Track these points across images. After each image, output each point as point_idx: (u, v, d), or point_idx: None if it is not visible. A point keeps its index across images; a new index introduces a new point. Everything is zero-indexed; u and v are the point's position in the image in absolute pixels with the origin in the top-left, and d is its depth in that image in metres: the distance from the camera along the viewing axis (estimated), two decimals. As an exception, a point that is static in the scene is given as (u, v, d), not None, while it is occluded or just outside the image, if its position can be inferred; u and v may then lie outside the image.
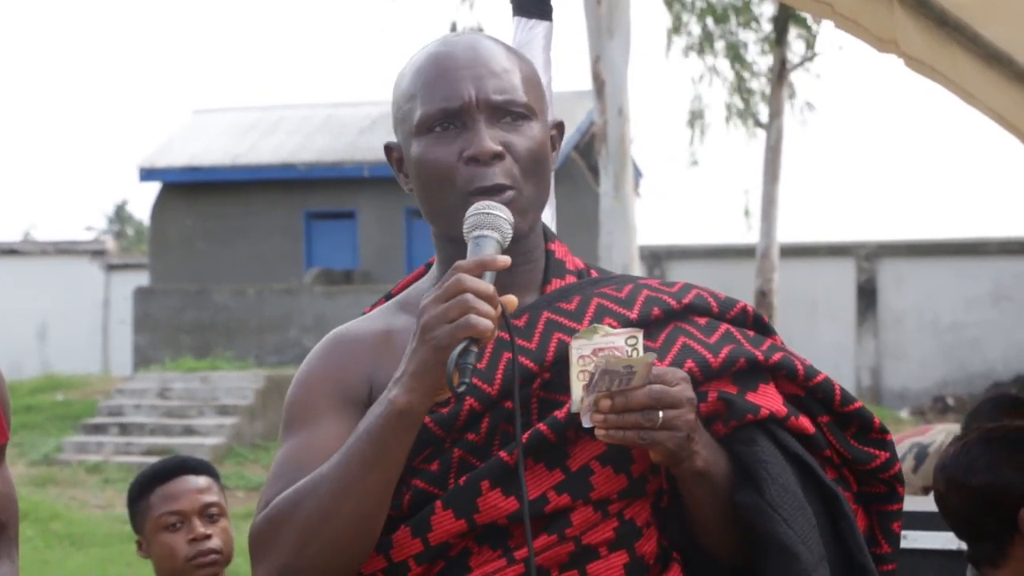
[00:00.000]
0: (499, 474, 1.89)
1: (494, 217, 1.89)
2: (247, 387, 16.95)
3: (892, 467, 2.06)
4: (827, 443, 2.04)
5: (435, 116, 1.96)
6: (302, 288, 20.19)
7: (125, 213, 49.35)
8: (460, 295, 1.77)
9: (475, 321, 1.75)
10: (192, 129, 23.93)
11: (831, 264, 19.29)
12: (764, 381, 2.00)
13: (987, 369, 18.18)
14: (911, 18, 3.55)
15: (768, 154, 18.02)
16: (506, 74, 1.98)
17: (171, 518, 3.21)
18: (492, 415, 1.93)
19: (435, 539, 1.91)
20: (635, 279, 2.08)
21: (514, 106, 1.97)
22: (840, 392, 2.04)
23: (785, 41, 17.80)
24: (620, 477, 1.93)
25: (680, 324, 2.01)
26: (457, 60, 1.98)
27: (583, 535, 1.92)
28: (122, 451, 15.84)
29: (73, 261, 24.74)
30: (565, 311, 1.99)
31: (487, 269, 1.80)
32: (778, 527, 1.91)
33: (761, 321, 2.08)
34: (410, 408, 1.81)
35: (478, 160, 1.94)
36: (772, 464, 1.95)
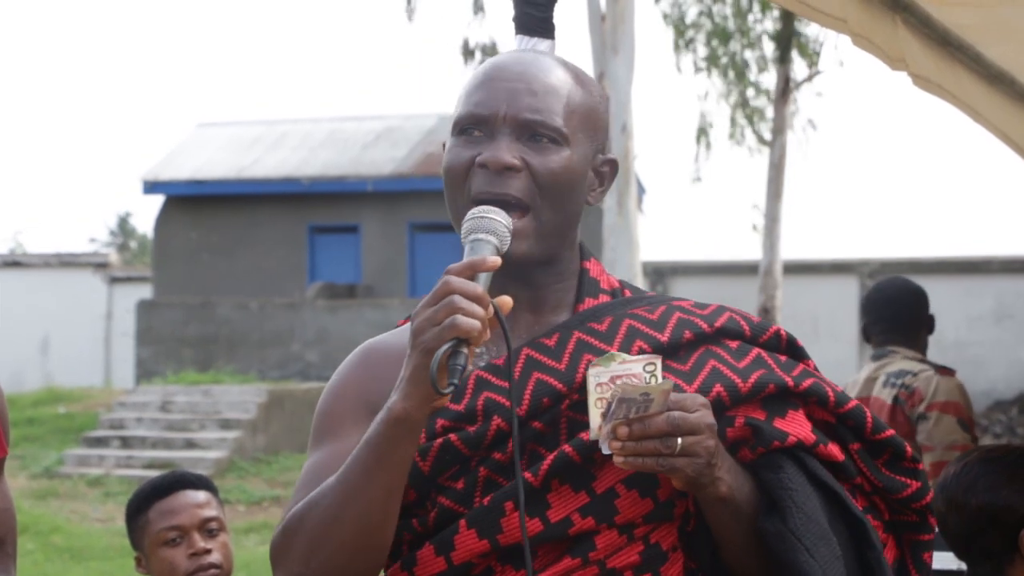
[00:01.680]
0: (524, 495, 1.88)
1: (491, 221, 1.88)
2: (249, 401, 16.94)
3: (923, 497, 2.05)
4: (857, 471, 2.03)
5: (465, 119, 1.97)
6: (305, 302, 20.20)
7: (128, 226, 49.39)
8: (447, 297, 1.76)
9: (460, 322, 1.74)
10: (196, 142, 23.97)
11: (834, 281, 19.29)
12: (794, 408, 1.99)
13: (989, 387, 18.16)
14: (915, 38, 3.56)
15: (771, 171, 18.03)
16: (546, 95, 1.97)
17: (170, 533, 3.20)
18: (521, 435, 1.92)
19: (458, 558, 1.91)
20: (669, 300, 2.07)
21: (542, 127, 1.95)
22: (872, 420, 2.03)
23: (788, 59, 17.82)
24: (646, 501, 1.92)
25: (711, 347, 2.00)
26: (504, 72, 1.99)
27: (608, 559, 1.91)
28: (123, 464, 15.83)
29: (76, 273, 24.76)
30: (596, 332, 1.98)
31: (477, 271, 1.80)
32: (800, 556, 1.89)
33: (795, 345, 2.07)
34: (406, 415, 1.80)
35: (487, 167, 1.93)
36: (797, 492, 1.93)
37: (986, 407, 18.05)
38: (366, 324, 19.18)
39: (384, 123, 23.56)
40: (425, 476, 1.94)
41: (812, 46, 17.94)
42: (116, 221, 50.38)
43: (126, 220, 49.71)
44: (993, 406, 18.04)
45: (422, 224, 21.82)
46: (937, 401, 4.82)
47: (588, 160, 2.01)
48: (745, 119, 18.63)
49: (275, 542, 1.93)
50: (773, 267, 17.65)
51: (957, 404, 4.83)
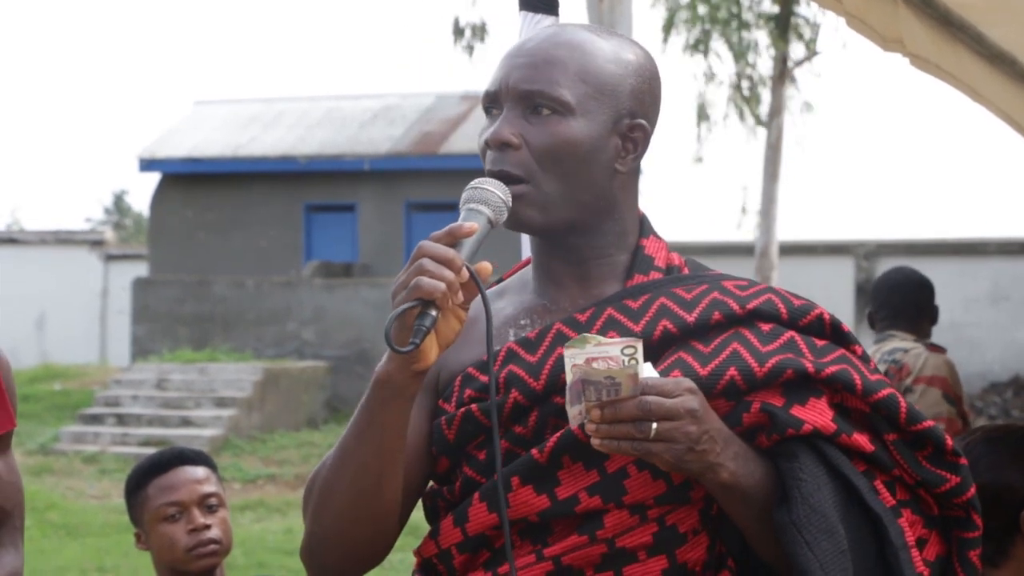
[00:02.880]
0: (529, 470, 1.89)
1: (485, 192, 1.90)
2: (245, 379, 16.95)
3: (965, 492, 1.99)
4: (894, 462, 1.97)
5: (484, 99, 2.02)
6: (301, 281, 20.18)
7: (124, 204, 49.33)
8: (418, 260, 1.79)
9: (423, 283, 1.75)
10: (192, 120, 23.92)
11: (830, 263, 19.28)
12: (816, 395, 1.93)
13: (984, 369, 18.18)
14: (916, 17, 3.55)
15: (768, 152, 18.01)
16: (548, 65, 1.96)
17: (170, 509, 3.21)
18: (541, 410, 1.93)
19: (472, 530, 1.92)
20: (718, 279, 2.03)
21: (541, 98, 1.96)
22: (907, 409, 1.96)
23: (787, 40, 17.79)
24: (658, 482, 1.90)
25: (741, 330, 1.96)
26: (520, 48, 2.01)
27: (617, 538, 1.90)
28: (119, 442, 15.84)
29: (72, 251, 24.73)
30: (628, 309, 1.97)
31: (456, 237, 1.82)
32: (798, 549, 1.85)
33: (839, 329, 2.01)
34: (388, 377, 1.83)
35: (490, 145, 1.96)
36: (807, 483, 1.88)
37: (981, 389, 18.08)
38: (363, 303, 19.17)
39: (381, 102, 23.51)
40: (451, 444, 1.97)
41: (809, 28, 17.91)
42: (112, 199, 50.35)
43: (122, 198, 49.65)
44: (988, 388, 18.06)
45: (419, 203, 21.79)
46: (924, 375, 4.91)
47: (606, 127, 1.98)
48: (742, 101, 18.59)
49: (303, 499, 2.01)
50: (769, 248, 17.64)
51: (943, 379, 4.92)
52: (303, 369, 18.05)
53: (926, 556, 1.98)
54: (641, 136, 2.02)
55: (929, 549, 1.99)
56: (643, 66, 2.04)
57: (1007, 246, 18.58)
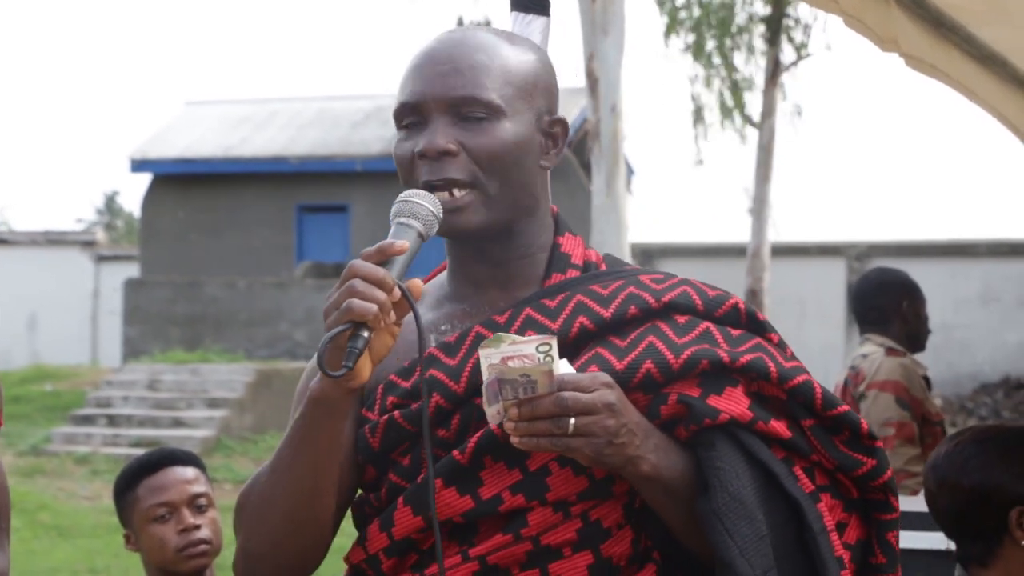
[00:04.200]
0: (451, 472, 1.90)
1: (416, 205, 1.88)
2: (237, 380, 16.93)
3: (880, 475, 2.00)
4: (812, 448, 1.98)
5: (400, 111, 1.99)
6: (293, 281, 20.17)
7: (116, 204, 49.28)
8: (349, 280, 1.78)
9: (355, 305, 1.76)
10: (184, 121, 23.90)
11: (822, 264, 19.30)
12: (732, 384, 1.93)
13: (975, 370, 18.21)
14: (908, 18, 3.55)
15: (760, 153, 18.03)
16: (473, 71, 1.96)
17: (160, 510, 3.20)
18: (463, 412, 1.93)
19: (398, 534, 1.93)
20: (634, 274, 2.04)
21: (473, 103, 1.95)
22: (821, 395, 1.97)
23: (778, 41, 17.81)
24: (580, 479, 1.90)
25: (657, 323, 1.97)
26: (433, 56, 1.98)
27: (541, 535, 1.90)
28: (110, 443, 15.82)
29: (63, 252, 24.70)
30: (546, 308, 1.98)
31: (387, 255, 1.82)
32: (718, 536, 1.87)
33: (755, 318, 2.02)
34: (323, 395, 1.85)
35: (426, 156, 1.94)
36: (725, 471, 1.89)
37: (972, 390, 18.10)
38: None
39: (373, 102, 23.50)
40: (376, 452, 1.97)
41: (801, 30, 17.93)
42: (104, 199, 50.29)
43: (114, 198, 49.60)
44: (979, 389, 18.09)
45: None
46: (876, 380, 5.00)
47: (532, 126, 2.00)
48: (734, 102, 18.61)
49: (234, 520, 2.01)
50: (761, 249, 17.66)
51: (896, 383, 4.98)
52: (295, 370, 18.02)
53: (846, 539, 2.00)
54: (560, 132, 2.05)
55: (849, 532, 2.01)
56: (547, 63, 2.07)
57: (997, 247, 18.61)
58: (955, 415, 17.03)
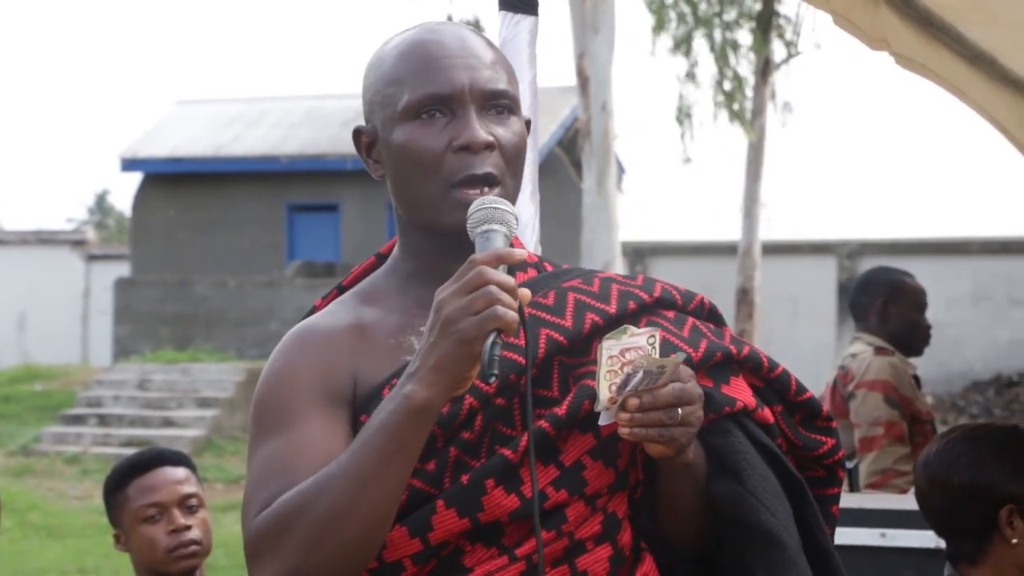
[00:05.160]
0: (503, 472, 1.88)
1: (501, 212, 1.86)
2: (227, 379, 16.93)
3: (836, 453, 2.11)
4: (780, 431, 2.07)
5: (424, 101, 1.93)
6: (283, 281, 20.16)
7: (106, 203, 49.18)
8: (484, 287, 1.74)
9: (502, 312, 1.72)
10: (175, 120, 23.86)
11: (813, 262, 19.32)
12: (734, 374, 2.02)
13: (966, 368, 18.24)
14: (898, 18, 3.55)
15: (751, 152, 18.04)
16: (495, 66, 1.97)
17: (150, 510, 3.20)
18: (485, 413, 1.91)
19: (436, 539, 1.88)
20: (594, 272, 2.08)
21: (504, 98, 1.95)
22: (796, 383, 2.08)
23: (768, 39, 17.81)
24: (609, 471, 1.93)
25: (653, 318, 2.01)
26: (448, 48, 1.95)
27: (576, 530, 1.92)
28: (101, 442, 15.80)
29: (53, 251, 24.65)
30: (545, 306, 1.98)
31: (504, 263, 1.78)
32: (762, 515, 1.93)
33: (716, 313, 2.11)
34: (430, 403, 1.77)
35: (469, 149, 1.91)
36: (750, 454, 1.97)
37: (963, 388, 18.13)
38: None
39: (364, 101, 23.47)
40: None
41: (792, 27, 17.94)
42: (94, 199, 50.17)
43: (104, 198, 49.49)
44: (970, 387, 18.11)
45: (401, 203, 21.77)
46: (865, 380, 5.04)
47: (523, 122, 2.02)
48: (724, 100, 18.62)
49: (263, 533, 1.82)
50: (752, 248, 17.66)
51: (885, 382, 5.01)
52: (286, 369, 17.98)
53: None
54: (529, 128, 2.06)
55: None
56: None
57: (989, 245, 18.64)
58: (946, 413, 17.05)
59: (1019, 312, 18.21)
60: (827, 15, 3.41)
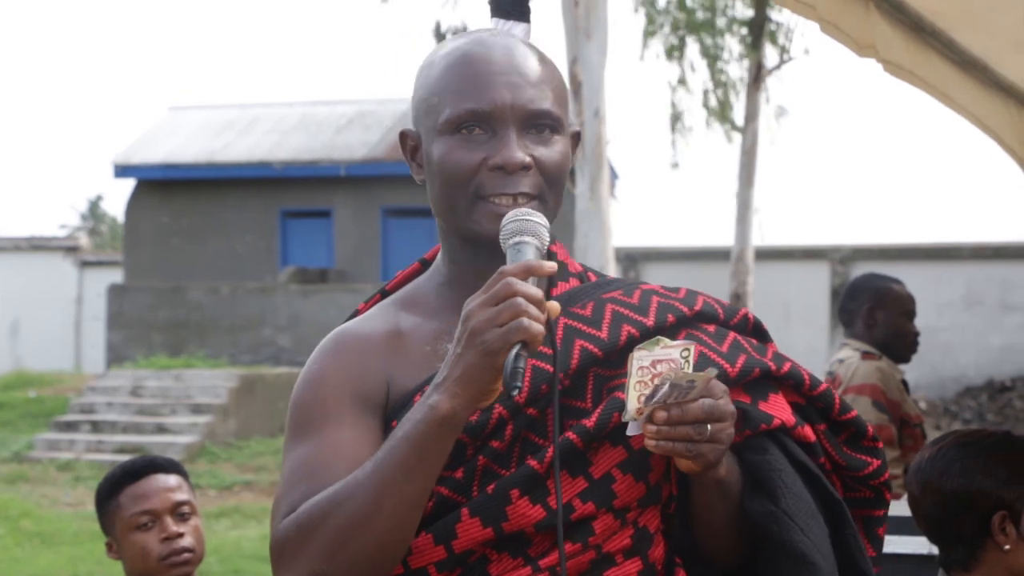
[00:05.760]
0: (528, 482, 1.88)
1: (534, 224, 1.86)
2: (220, 386, 16.90)
3: (882, 474, 2.09)
4: (823, 450, 2.05)
5: (464, 117, 1.92)
6: (277, 287, 20.14)
7: (99, 209, 49.14)
8: (511, 299, 1.74)
9: (528, 324, 1.72)
10: (168, 126, 23.86)
11: (806, 267, 19.34)
12: (773, 391, 2.01)
13: (959, 373, 18.26)
14: (888, 23, 3.56)
15: (743, 157, 18.06)
16: (541, 84, 1.95)
17: (142, 518, 3.19)
18: (515, 422, 1.91)
19: (459, 547, 1.89)
20: (638, 283, 2.07)
21: (547, 118, 1.94)
22: (839, 402, 2.06)
23: (761, 45, 17.84)
24: (640, 485, 1.92)
25: (692, 332, 2.00)
26: (494, 63, 1.94)
27: (604, 543, 1.92)
28: (94, 449, 15.77)
29: (46, 257, 24.64)
30: (582, 317, 1.98)
31: (533, 275, 1.78)
32: (795, 535, 1.92)
33: (760, 328, 2.09)
34: (454, 414, 1.77)
35: (504, 170, 1.91)
36: (785, 473, 1.96)
37: (956, 393, 18.15)
38: (338, 309, 19.13)
39: (357, 107, 23.49)
40: None
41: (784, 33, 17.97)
42: (87, 205, 50.15)
43: (97, 204, 49.46)
44: (963, 392, 18.13)
45: (395, 209, 21.77)
46: (853, 385, 5.07)
47: (569, 140, 2.01)
48: (717, 106, 18.64)
49: (287, 537, 1.85)
50: (745, 253, 17.69)
51: (873, 386, 5.03)
52: (279, 375, 17.99)
53: None
54: (576, 141, 2.05)
55: None
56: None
57: (981, 251, 18.66)
58: (939, 418, 17.07)
59: (1012, 317, 18.23)
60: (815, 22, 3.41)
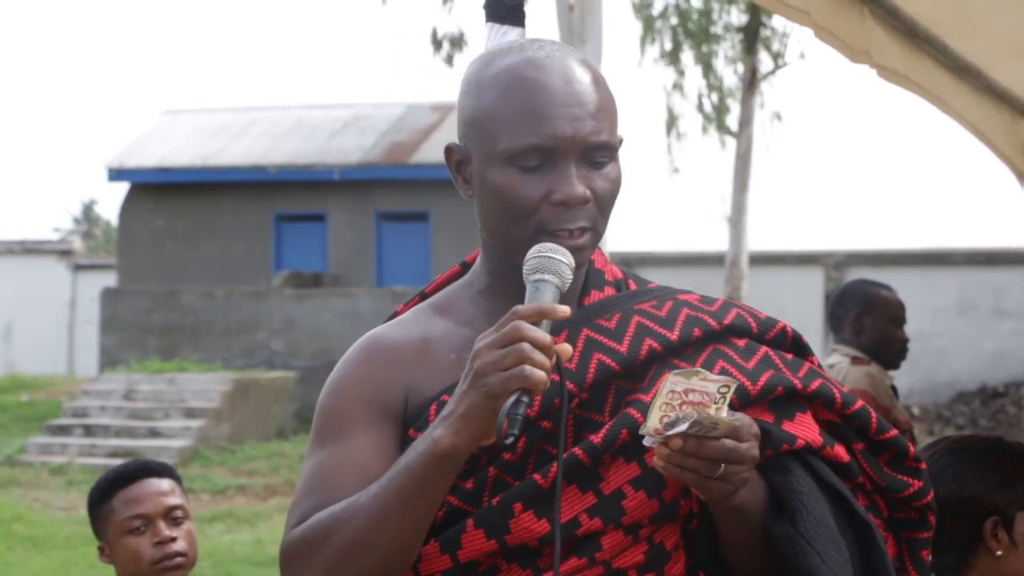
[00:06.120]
0: (532, 496, 1.87)
1: (556, 262, 1.85)
2: (214, 389, 16.89)
3: (926, 495, 2.05)
4: (861, 470, 2.02)
5: (525, 151, 1.90)
6: (271, 291, 20.13)
7: (93, 213, 49.09)
8: (517, 344, 1.74)
9: (529, 373, 1.72)
10: (162, 129, 23.85)
11: (800, 272, 19.36)
12: (801, 410, 1.97)
13: (952, 379, 18.28)
14: (882, 29, 3.57)
15: (738, 163, 18.08)
16: (600, 114, 1.92)
17: (135, 522, 3.18)
18: (529, 435, 1.90)
19: (464, 557, 1.90)
20: (674, 294, 2.05)
21: (604, 149, 1.92)
22: (876, 421, 2.02)
23: (755, 51, 17.86)
24: (652, 502, 1.91)
25: (719, 346, 1.98)
26: (554, 93, 1.90)
27: (613, 559, 1.90)
28: (87, 453, 15.75)
29: (40, 261, 24.61)
30: (605, 329, 1.96)
31: (546, 317, 1.77)
32: (811, 560, 1.89)
33: (800, 342, 2.06)
34: (454, 451, 1.79)
35: (566, 204, 1.90)
36: (807, 495, 1.92)
37: (949, 399, 18.16)
38: (333, 313, 19.12)
39: (352, 111, 23.49)
40: None
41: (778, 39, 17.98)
42: (81, 208, 50.09)
43: (91, 207, 49.41)
44: (956, 398, 18.15)
45: (389, 213, 21.77)
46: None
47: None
48: (712, 111, 18.65)
49: (293, 549, 1.90)
50: (739, 258, 17.70)
51: (863, 391, 5.07)
52: (272, 379, 17.99)
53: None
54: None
55: (888, 551, 2.05)
56: None
57: (974, 256, 18.69)
58: (932, 424, 17.08)
59: (1004, 323, 18.26)
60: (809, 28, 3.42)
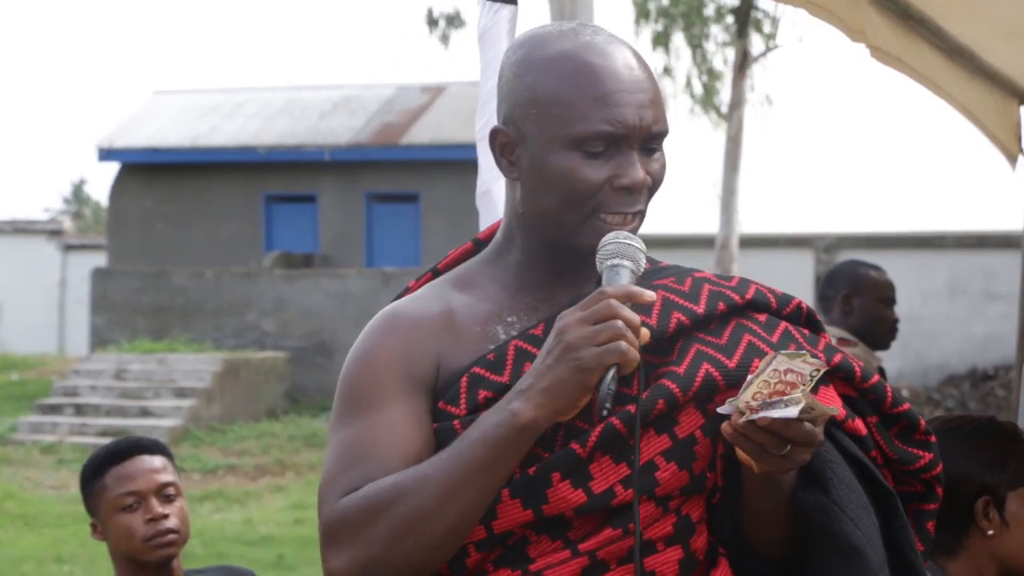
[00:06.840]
0: (570, 466, 1.87)
1: (633, 249, 1.87)
2: (204, 370, 16.89)
3: (935, 468, 2.07)
4: (875, 443, 2.04)
5: (595, 136, 1.91)
6: (261, 271, 20.11)
7: (83, 193, 49.01)
8: (612, 320, 1.76)
9: (625, 348, 1.75)
10: (152, 110, 23.79)
11: (790, 255, 19.37)
12: (824, 383, 1.98)
13: (942, 362, 18.32)
14: (875, 10, 3.56)
15: (729, 145, 18.08)
16: (659, 102, 1.96)
17: (127, 499, 3.18)
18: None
19: (499, 527, 1.89)
20: (690, 271, 2.07)
21: (662, 138, 1.96)
22: (892, 394, 2.04)
23: (747, 32, 17.85)
24: (683, 474, 1.91)
25: (742, 320, 2.00)
26: (621, 79, 1.92)
27: (645, 530, 1.90)
28: (77, 432, 15.76)
29: (30, 241, 24.57)
30: (633, 306, 1.95)
31: (632, 300, 1.80)
32: (846, 527, 1.91)
33: (814, 319, 2.08)
34: (535, 424, 1.79)
35: (630, 190, 1.92)
36: (837, 464, 1.94)
37: (939, 381, 18.20)
38: (323, 294, 19.12)
39: (342, 92, 23.45)
40: None
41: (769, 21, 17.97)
42: (71, 188, 50.02)
43: (81, 187, 49.32)
44: (946, 380, 18.19)
45: (379, 194, 21.74)
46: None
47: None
48: (703, 93, 18.64)
49: (348, 519, 1.86)
50: (730, 241, 17.71)
51: None
52: (263, 360, 17.99)
53: None
54: None
55: None
56: None
57: (964, 239, 18.71)
58: (922, 406, 17.12)
59: (995, 306, 18.29)
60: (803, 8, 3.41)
